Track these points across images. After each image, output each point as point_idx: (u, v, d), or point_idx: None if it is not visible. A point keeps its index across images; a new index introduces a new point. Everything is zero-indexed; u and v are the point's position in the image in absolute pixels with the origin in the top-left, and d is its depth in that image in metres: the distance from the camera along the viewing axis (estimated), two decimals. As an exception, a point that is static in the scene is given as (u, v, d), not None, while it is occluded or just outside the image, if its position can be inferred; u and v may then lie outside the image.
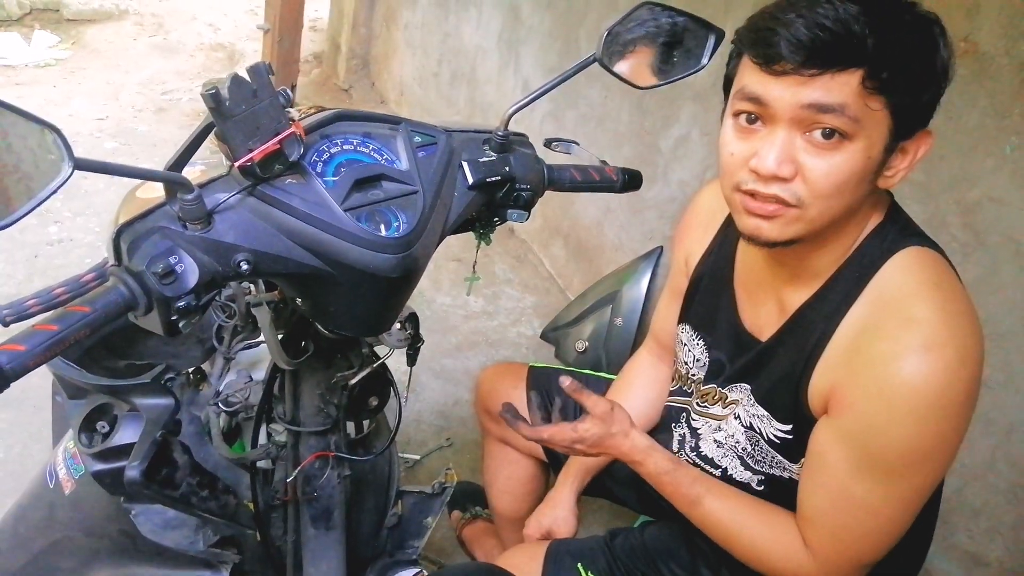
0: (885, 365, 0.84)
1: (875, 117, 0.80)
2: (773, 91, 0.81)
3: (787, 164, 0.82)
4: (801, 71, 0.78)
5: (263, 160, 0.67)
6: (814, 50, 0.77)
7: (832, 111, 0.79)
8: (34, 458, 1.91)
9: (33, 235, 2.65)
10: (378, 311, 0.82)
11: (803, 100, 0.79)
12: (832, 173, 0.82)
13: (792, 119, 0.81)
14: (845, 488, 0.91)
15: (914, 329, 0.84)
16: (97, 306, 0.61)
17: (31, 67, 3.81)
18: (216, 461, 1.08)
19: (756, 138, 0.85)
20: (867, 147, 0.81)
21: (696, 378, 1.16)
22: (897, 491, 0.89)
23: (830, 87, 0.78)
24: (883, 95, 0.79)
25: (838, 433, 0.91)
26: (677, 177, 2.22)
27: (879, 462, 0.88)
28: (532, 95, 0.89)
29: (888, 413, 0.85)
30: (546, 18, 2.70)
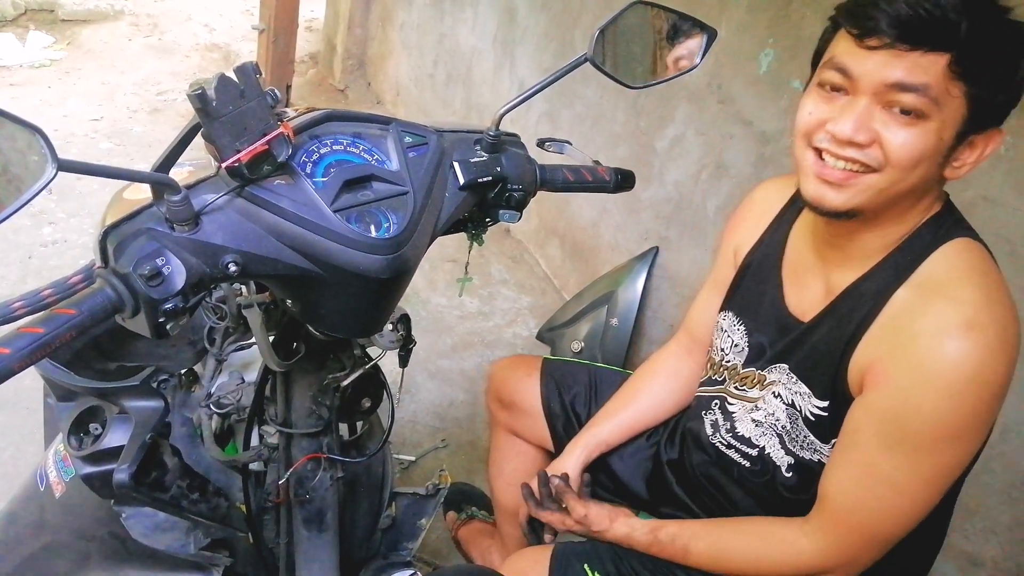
0: (927, 340, 0.87)
1: (953, 103, 0.83)
2: (862, 65, 0.85)
3: (864, 131, 0.86)
4: (896, 46, 0.82)
5: (251, 161, 0.67)
6: (910, 27, 0.81)
7: (915, 91, 0.83)
8: (26, 460, 1.90)
9: (27, 236, 2.64)
10: (369, 312, 0.82)
11: (889, 78, 0.83)
12: (908, 144, 0.85)
13: (875, 93, 0.85)
14: (872, 463, 0.92)
15: (958, 309, 0.87)
16: (83, 308, 0.61)
17: (26, 68, 3.80)
18: (208, 463, 1.07)
19: (835, 104, 0.89)
20: (940, 129, 0.84)
21: (731, 364, 1.18)
22: (924, 469, 0.90)
23: (917, 66, 0.82)
24: (965, 82, 0.82)
25: (872, 408, 0.92)
26: (672, 177, 2.22)
27: (910, 437, 0.89)
28: (523, 95, 0.89)
29: (924, 387, 0.87)
30: (541, 19, 2.70)
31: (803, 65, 1.74)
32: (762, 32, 1.85)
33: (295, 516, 1.06)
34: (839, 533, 0.97)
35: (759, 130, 1.90)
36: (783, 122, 1.83)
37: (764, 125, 1.89)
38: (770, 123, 1.87)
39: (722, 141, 2.03)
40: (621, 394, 1.38)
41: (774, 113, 1.85)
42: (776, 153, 1.86)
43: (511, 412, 1.51)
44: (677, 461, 1.32)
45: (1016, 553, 1.49)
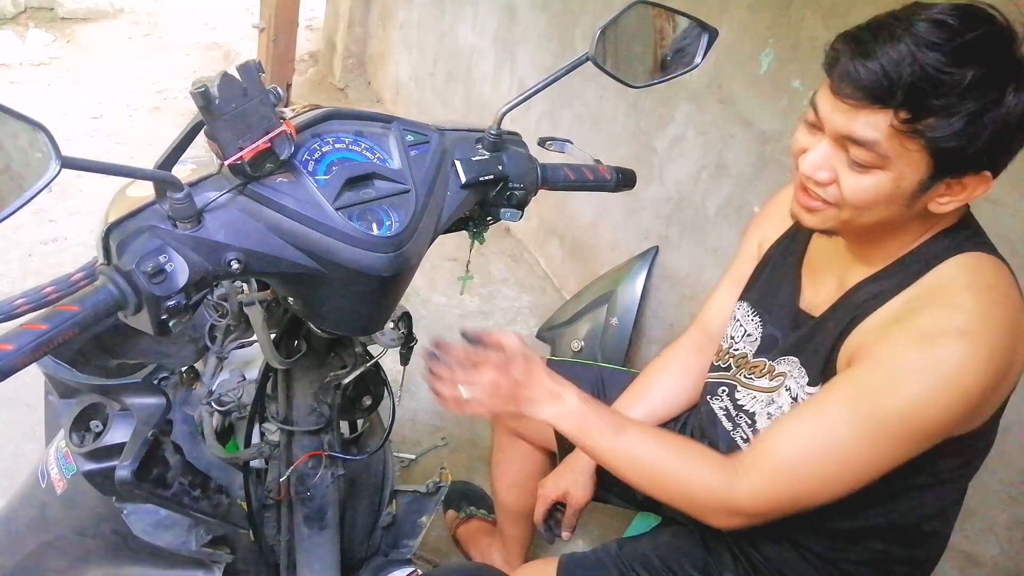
0: (919, 335, 0.89)
1: (910, 156, 0.84)
2: (827, 111, 0.88)
3: (824, 171, 0.90)
4: (847, 99, 0.84)
5: (253, 159, 0.67)
6: (858, 84, 0.83)
7: (862, 145, 0.85)
8: (27, 457, 1.90)
9: (27, 234, 2.63)
10: (371, 310, 0.82)
11: (841, 129, 0.86)
12: (858, 190, 0.88)
13: (835, 139, 0.89)
14: (834, 427, 0.92)
15: (955, 313, 0.88)
16: (86, 305, 0.61)
17: (25, 66, 3.79)
18: (209, 460, 1.07)
19: (812, 138, 0.92)
20: (896, 178, 0.86)
21: (739, 352, 1.19)
22: (878, 450, 0.91)
23: (868, 122, 0.84)
24: (920, 138, 0.82)
25: (852, 377, 0.94)
26: (672, 177, 2.22)
27: (879, 418, 0.89)
28: (525, 94, 0.89)
29: (904, 376, 0.88)
30: (541, 18, 2.70)
31: (803, 66, 1.75)
32: (762, 32, 1.86)
33: (296, 513, 1.07)
34: (773, 481, 0.95)
35: (759, 130, 1.91)
36: (783, 122, 1.83)
37: (764, 125, 1.89)
38: (770, 123, 1.87)
39: (722, 141, 2.03)
40: (632, 391, 1.38)
41: (774, 113, 1.85)
42: (776, 153, 1.86)
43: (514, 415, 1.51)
44: None
45: (1015, 552, 1.49)
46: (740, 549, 1.17)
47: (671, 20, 0.95)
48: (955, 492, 1.07)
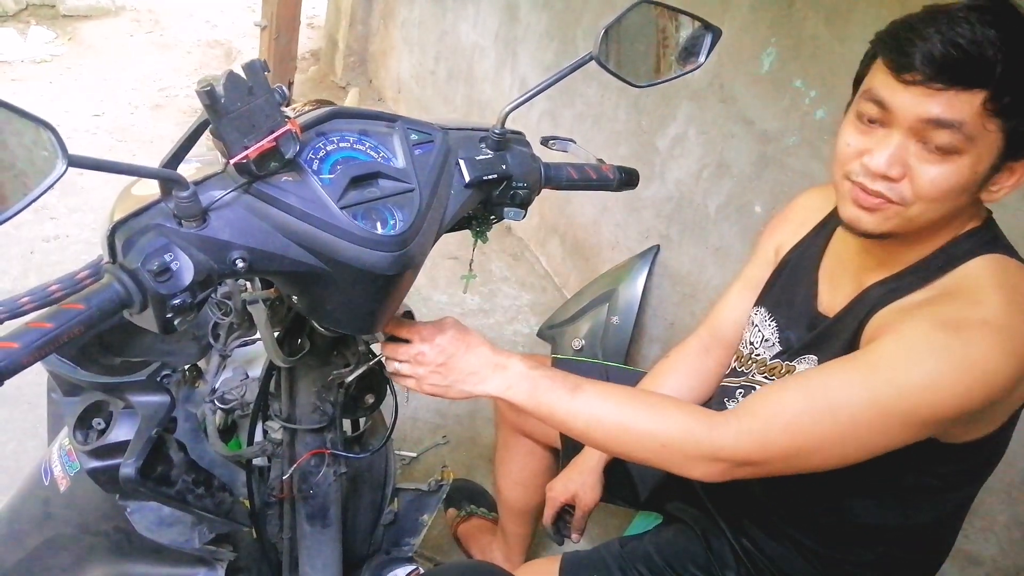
0: (943, 321, 0.87)
1: (989, 137, 0.84)
2: (899, 99, 0.85)
3: (897, 166, 0.87)
4: (930, 84, 0.82)
5: (259, 158, 0.67)
6: (945, 66, 0.81)
7: (950, 126, 0.83)
8: (29, 455, 1.91)
9: (29, 231, 2.64)
10: (374, 309, 0.82)
11: (924, 114, 0.83)
12: (938, 180, 0.86)
13: (911, 128, 0.85)
14: (847, 385, 0.88)
15: (978, 307, 0.87)
16: (92, 304, 0.61)
17: (27, 63, 3.80)
18: (212, 458, 1.07)
19: (873, 136, 0.89)
20: (975, 163, 0.85)
21: (760, 357, 1.18)
22: (888, 421, 0.87)
23: (952, 103, 0.82)
24: (1001, 118, 0.82)
25: (872, 347, 0.91)
26: (674, 176, 2.23)
27: (892, 387, 0.86)
28: (529, 93, 0.89)
29: (928, 351, 0.86)
30: (543, 17, 2.70)
31: (805, 65, 1.75)
32: (764, 32, 1.86)
33: (298, 511, 1.07)
34: (768, 424, 0.90)
35: (760, 129, 1.91)
36: (785, 121, 1.83)
37: (765, 124, 1.89)
38: (771, 122, 1.87)
39: (723, 140, 2.03)
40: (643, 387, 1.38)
41: (776, 112, 1.86)
42: (777, 152, 1.86)
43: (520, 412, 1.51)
44: None
45: (1015, 552, 1.50)
46: (742, 548, 1.17)
47: (674, 19, 0.95)
48: (962, 497, 1.07)
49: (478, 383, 0.95)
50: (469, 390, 0.95)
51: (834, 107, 1.71)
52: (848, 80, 1.66)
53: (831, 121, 1.72)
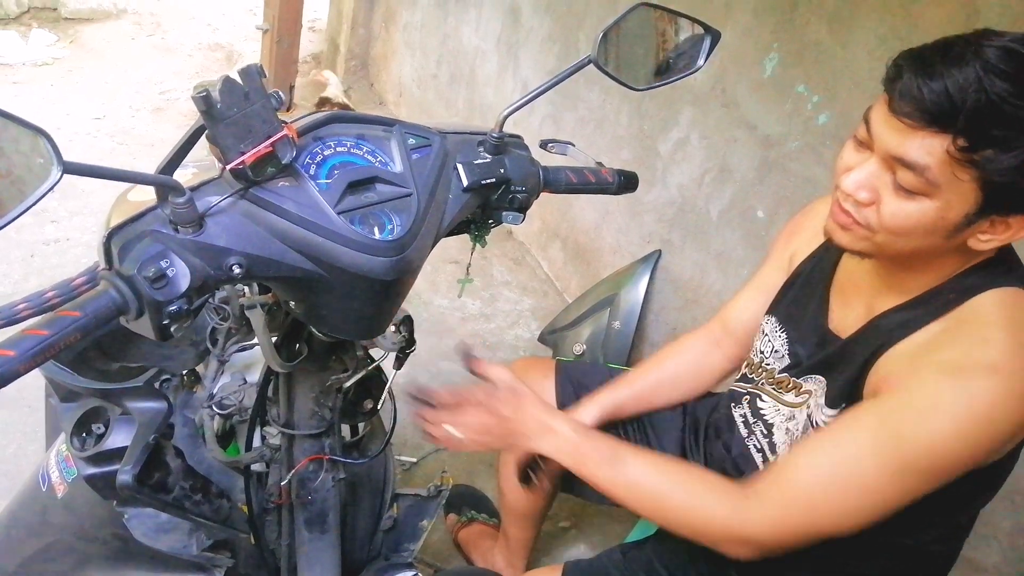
0: (949, 369, 0.87)
1: (960, 186, 0.81)
2: (880, 128, 0.85)
3: (865, 191, 0.87)
4: (904, 119, 0.81)
5: (255, 163, 0.67)
6: (918, 103, 0.79)
7: (912, 168, 0.82)
8: (28, 459, 1.90)
9: (29, 235, 2.64)
10: (372, 314, 0.82)
11: (892, 148, 0.83)
12: (899, 216, 0.86)
13: (883, 159, 0.85)
14: (856, 456, 0.90)
15: (987, 349, 0.85)
16: (88, 310, 0.61)
17: (28, 66, 3.80)
18: (210, 464, 1.07)
19: (858, 155, 0.90)
20: (942, 208, 0.83)
21: (770, 367, 1.18)
22: (903, 483, 0.88)
23: (922, 144, 0.80)
24: (974, 168, 0.79)
25: (878, 407, 0.92)
26: (676, 180, 2.22)
27: (904, 451, 0.87)
28: (527, 97, 0.89)
29: (932, 410, 0.86)
30: (545, 21, 2.70)
31: (807, 70, 1.75)
32: (767, 36, 1.85)
33: (297, 517, 1.06)
34: (788, 508, 0.93)
35: (763, 134, 1.90)
36: (787, 126, 1.83)
37: (768, 129, 1.89)
38: (774, 127, 1.87)
39: (726, 145, 2.03)
40: (644, 366, 1.39)
41: (778, 117, 1.85)
42: (780, 157, 1.86)
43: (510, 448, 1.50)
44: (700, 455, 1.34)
45: (1017, 559, 1.49)
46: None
47: (674, 22, 0.95)
48: (966, 517, 1.07)
49: (527, 443, 1.04)
50: (515, 445, 1.05)
51: (837, 112, 1.71)
52: (850, 85, 1.67)
53: (834, 126, 1.72)
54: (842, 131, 1.69)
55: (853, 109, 1.67)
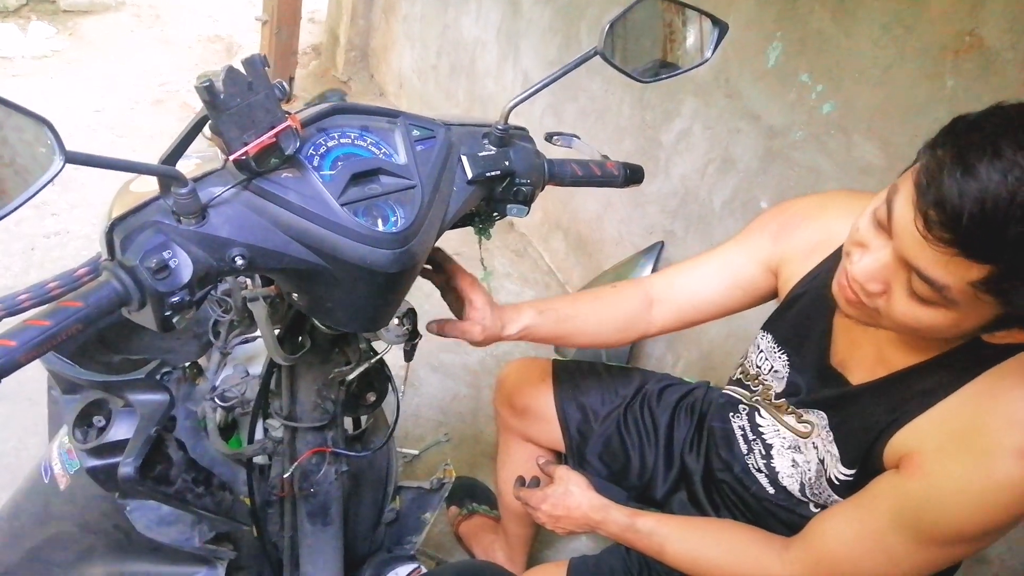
0: (976, 457, 0.84)
1: (980, 305, 0.75)
2: (903, 229, 0.76)
3: (876, 283, 0.81)
4: (928, 230, 0.72)
5: (258, 154, 0.66)
6: (949, 226, 0.70)
7: (931, 284, 0.75)
8: (29, 452, 1.90)
9: (30, 227, 2.63)
10: (376, 306, 0.81)
11: (912, 258, 0.75)
12: (909, 316, 0.80)
13: (900, 259, 0.78)
14: (881, 531, 0.91)
15: (1016, 432, 0.82)
16: (90, 301, 0.60)
17: (28, 58, 3.78)
18: (212, 457, 1.07)
19: (875, 237, 0.82)
20: (958, 319, 0.78)
21: (768, 383, 1.16)
22: (928, 555, 0.90)
23: (947, 265, 0.72)
24: (999, 297, 0.73)
25: (900, 488, 0.91)
26: (678, 171, 2.21)
27: (927, 529, 0.88)
28: (532, 89, 0.88)
29: (957, 496, 0.85)
30: (546, 11, 2.69)
31: (811, 59, 1.74)
32: (770, 26, 1.84)
33: (299, 510, 1.06)
34: (818, 573, 0.98)
35: (766, 124, 1.89)
36: (791, 116, 1.82)
37: (772, 119, 1.88)
38: (777, 117, 1.86)
39: (729, 135, 2.02)
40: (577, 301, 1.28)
41: (782, 107, 1.84)
42: (784, 147, 1.85)
43: (523, 419, 1.50)
44: (700, 462, 1.33)
45: (1022, 550, 1.49)
46: None
47: (680, 14, 0.94)
48: None
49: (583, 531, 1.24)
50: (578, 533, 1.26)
51: (840, 101, 1.70)
52: (854, 74, 1.66)
53: (838, 115, 1.71)
54: (846, 120, 1.68)
55: (857, 98, 1.66)
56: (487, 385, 2.38)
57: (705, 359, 2.16)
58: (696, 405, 1.40)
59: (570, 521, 1.22)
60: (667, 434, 1.39)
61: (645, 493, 1.40)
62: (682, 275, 1.26)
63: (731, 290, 1.19)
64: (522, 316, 1.18)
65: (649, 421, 1.41)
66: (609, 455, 1.41)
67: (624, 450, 1.40)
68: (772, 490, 1.15)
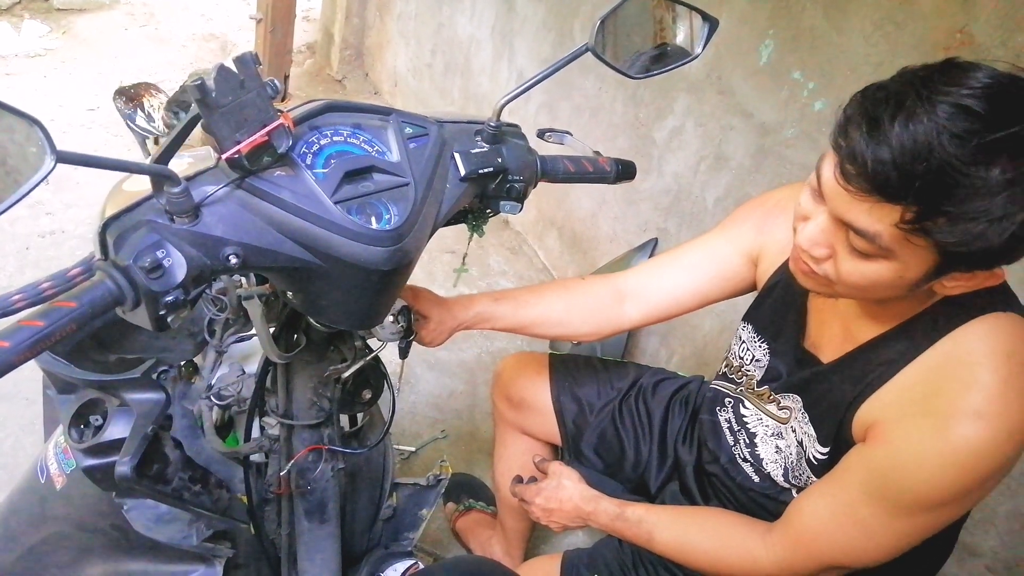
0: (935, 420, 0.85)
1: (916, 251, 0.77)
2: (830, 188, 0.80)
3: (820, 247, 0.85)
4: (845, 182, 0.76)
5: (251, 152, 0.66)
6: (864, 173, 0.74)
7: (864, 236, 0.78)
8: (26, 451, 1.90)
9: (24, 227, 2.62)
10: (370, 304, 0.81)
11: (843, 214, 0.79)
12: (855, 275, 0.83)
13: (834, 218, 0.82)
14: (852, 504, 0.93)
15: (972, 394, 0.84)
16: (84, 301, 0.60)
17: (21, 57, 3.77)
18: (209, 455, 1.07)
19: (814, 207, 0.86)
20: (900, 269, 0.80)
21: (750, 374, 1.18)
22: (898, 525, 0.91)
23: (871, 213, 0.76)
24: (926, 236, 0.75)
25: (867, 458, 0.93)
26: (671, 168, 2.22)
27: (895, 496, 0.89)
28: (524, 85, 0.89)
29: (921, 462, 0.86)
30: (540, 9, 2.69)
31: (803, 57, 1.74)
32: (762, 23, 1.85)
33: (296, 507, 1.07)
34: (798, 552, 1.00)
35: (759, 121, 1.90)
36: (783, 114, 1.83)
37: (764, 116, 1.88)
38: (770, 114, 1.86)
39: (721, 132, 2.02)
40: (540, 293, 1.27)
41: (774, 104, 1.85)
42: (776, 145, 1.86)
43: (520, 411, 1.51)
44: (693, 453, 1.34)
45: (1014, 543, 1.50)
46: None
47: (671, 10, 0.94)
48: None
49: (575, 526, 1.24)
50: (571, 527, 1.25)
51: (833, 98, 1.71)
52: (846, 71, 1.66)
53: (830, 112, 1.71)
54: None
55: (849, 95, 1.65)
56: (483, 382, 2.38)
57: (699, 354, 2.17)
58: (690, 399, 1.41)
59: (563, 514, 1.23)
60: (661, 427, 1.40)
61: (639, 485, 1.41)
62: (660, 269, 1.27)
63: (714, 280, 1.21)
64: (474, 304, 1.20)
65: (644, 414, 1.42)
66: (604, 447, 1.42)
67: (619, 442, 1.41)
68: (757, 478, 1.16)
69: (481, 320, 1.20)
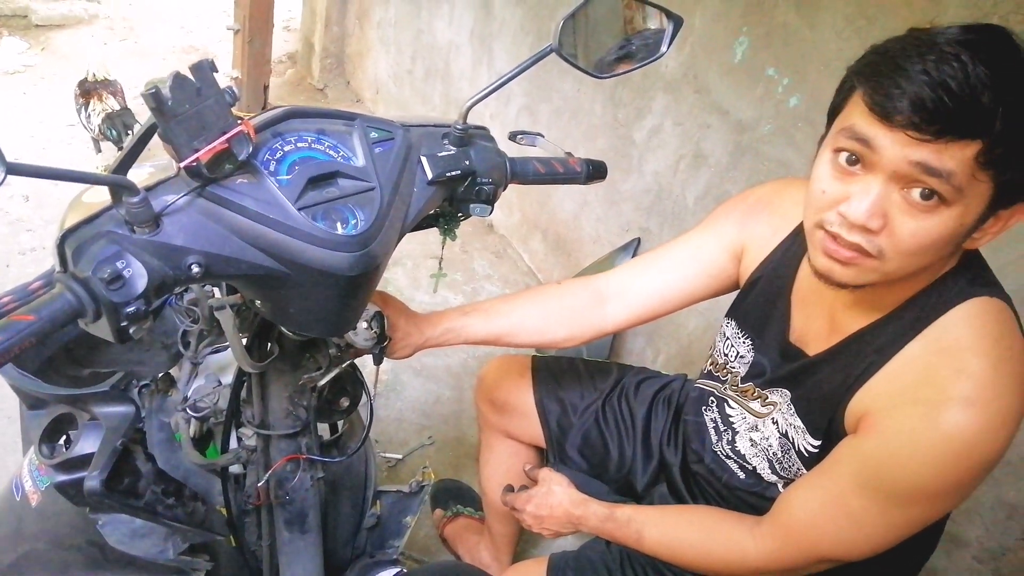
0: (925, 409, 0.85)
1: (978, 188, 0.77)
2: (884, 139, 0.77)
3: (877, 217, 0.80)
4: (919, 131, 0.74)
5: (211, 160, 0.66)
6: (936, 115, 0.73)
7: (939, 176, 0.75)
8: (7, 470, 1.86)
9: (4, 244, 2.61)
10: (338, 310, 0.81)
11: (913, 157, 0.76)
12: (920, 234, 0.80)
13: (895, 172, 0.78)
14: (843, 495, 0.92)
15: (963, 381, 0.83)
16: (43, 314, 0.60)
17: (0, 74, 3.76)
18: (186, 468, 1.06)
19: (852, 182, 0.82)
20: (962, 214, 0.79)
21: (735, 371, 1.17)
22: (890, 517, 0.90)
23: (943, 152, 0.74)
24: (993, 169, 0.75)
25: (859, 449, 0.92)
26: (652, 168, 2.22)
27: (886, 487, 0.89)
28: (489, 88, 0.89)
29: (912, 451, 0.85)
30: (517, 12, 2.69)
31: (777, 53, 1.75)
32: (736, 20, 1.85)
33: (277, 517, 1.06)
34: (788, 544, 0.99)
35: (735, 119, 1.91)
36: (759, 110, 1.83)
37: (740, 114, 1.89)
38: (746, 112, 1.87)
39: (699, 131, 2.03)
40: (515, 302, 1.27)
41: (750, 101, 1.85)
42: (753, 141, 1.86)
43: (504, 414, 1.50)
44: (678, 454, 1.33)
45: (999, 533, 1.50)
46: None
47: (636, 9, 0.94)
48: None
49: (567, 532, 1.24)
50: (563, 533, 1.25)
51: (807, 94, 1.71)
52: (819, 67, 1.67)
53: (805, 108, 1.73)
54: (812, 113, 1.70)
55: (823, 91, 1.66)
56: (470, 387, 2.37)
57: (684, 353, 2.17)
58: (673, 397, 1.41)
59: (553, 520, 1.22)
60: (644, 426, 1.40)
61: (625, 486, 1.41)
62: (643, 268, 1.26)
63: (699, 277, 1.20)
64: (443, 320, 1.20)
65: (627, 414, 1.42)
66: (588, 448, 1.42)
67: (603, 443, 1.41)
68: (743, 475, 1.16)
69: (451, 335, 1.19)
